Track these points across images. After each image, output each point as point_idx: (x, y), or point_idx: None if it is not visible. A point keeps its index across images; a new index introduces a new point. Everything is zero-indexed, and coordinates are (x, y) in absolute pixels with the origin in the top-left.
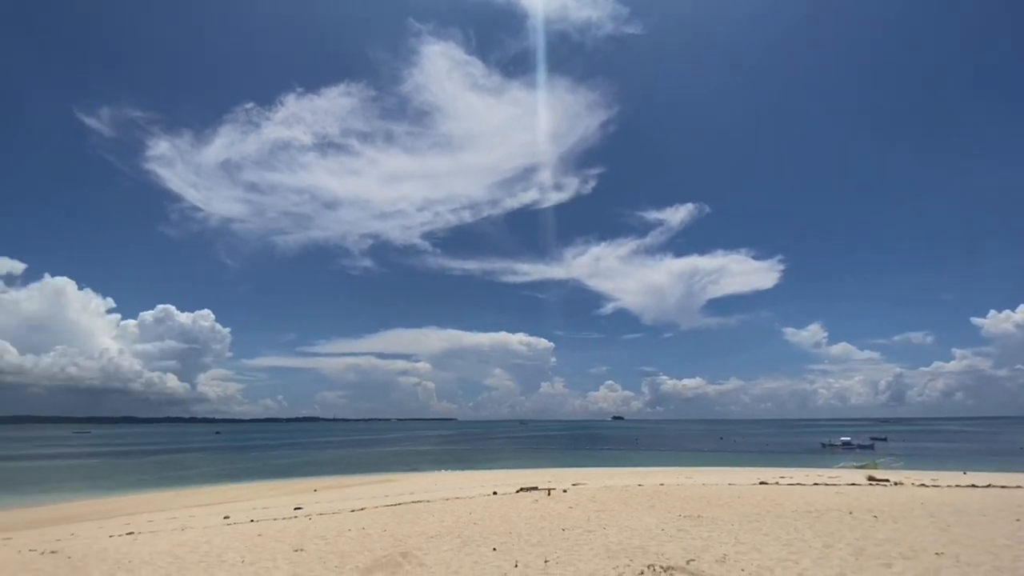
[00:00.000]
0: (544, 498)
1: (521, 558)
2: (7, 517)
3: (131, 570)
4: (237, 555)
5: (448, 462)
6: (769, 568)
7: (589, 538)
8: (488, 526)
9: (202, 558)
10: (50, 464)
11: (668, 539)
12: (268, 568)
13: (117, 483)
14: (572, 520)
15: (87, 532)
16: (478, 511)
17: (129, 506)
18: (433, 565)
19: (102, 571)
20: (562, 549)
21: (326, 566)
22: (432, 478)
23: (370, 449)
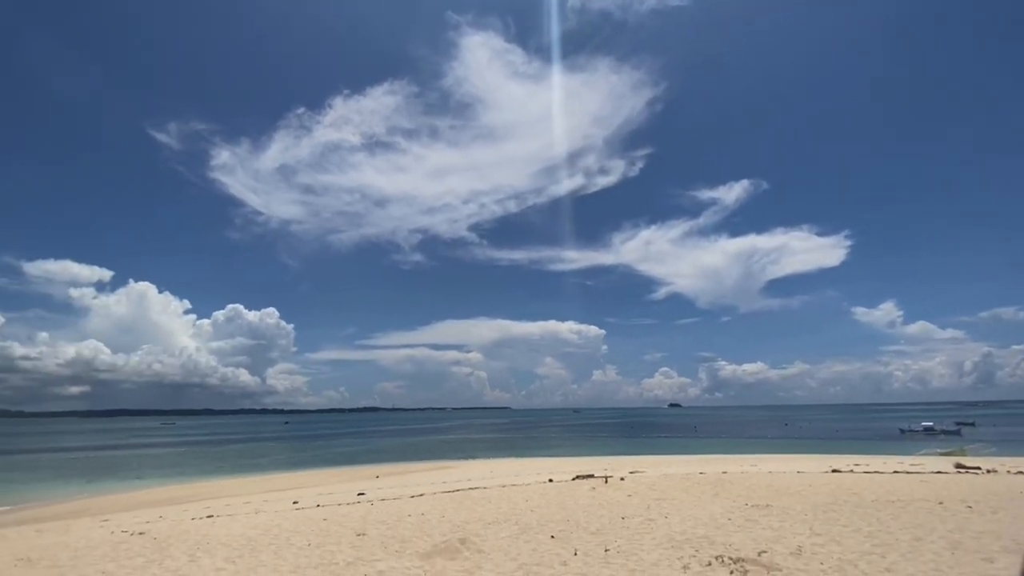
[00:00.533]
0: (601, 486)
1: (580, 546)
2: (106, 501)
3: (209, 550)
4: (304, 538)
5: (503, 450)
6: (852, 562)
7: (651, 527)
8: (545, 513)
9: (272, 540)
10: (142, 453)
11: (736, 529)
12: (332, 551)
13: (199, 470)
14: (631, 508)
15: (173, 515)
16: (534, 498)
17: (210, 491)
18: (491, 551)
19: (183, 550)
20: (623, 538)
21: (387, 550)
22: (488, 465)
23: (427, 437)
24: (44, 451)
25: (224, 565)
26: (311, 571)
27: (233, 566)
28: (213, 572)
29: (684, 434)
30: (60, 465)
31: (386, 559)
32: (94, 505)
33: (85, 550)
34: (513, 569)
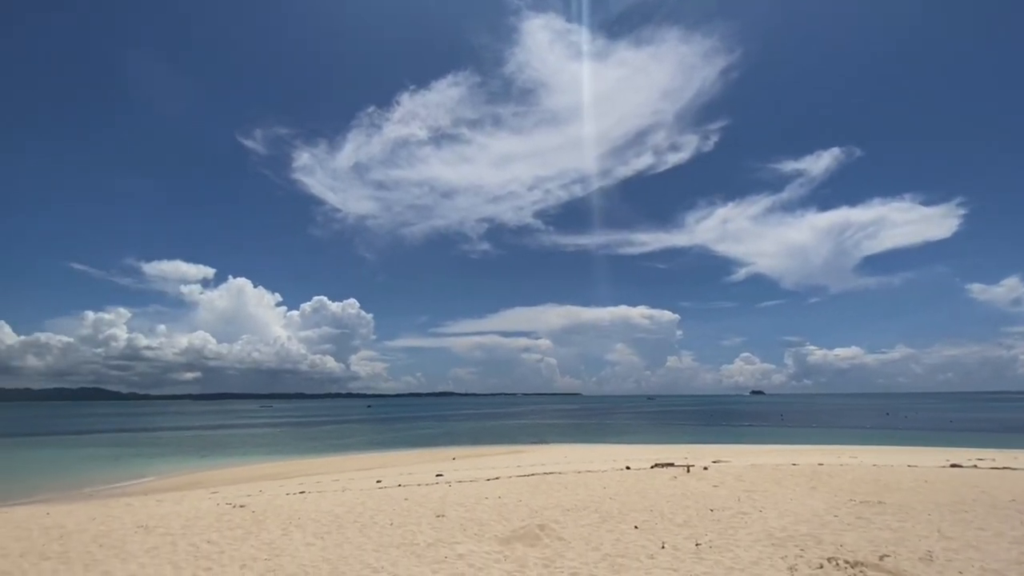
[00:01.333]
0: (683, 475)
1: (668, 539)
2: (217, 475)
3: (300, 525)
4: (386, 518)
5: (575, 435)
6: (998, 572)
7: (744, 521)
8: (626, 502)
9: (357, 518)
10: (246, 432)
11: (845, 528)
12: (413, 532)
13: (295, 449)
14: (719, 500)
15: (270, 490)
16: (612, 486)
17: (303, 468)
18: (572, 539)
19: (277, 524)
20: (714, 532)
21: (466, 533)
22: (561, 450)
23: (500, 422)
24: (166, 429)
25: (313, 540)
26: (393, 550)
27: (321, 542)
28: (303, 547)
29: (769, 423)
30: (179, 442)
31: (465, 542)
32: (206, 478)
33: (194, 519)
34: (596, 559)
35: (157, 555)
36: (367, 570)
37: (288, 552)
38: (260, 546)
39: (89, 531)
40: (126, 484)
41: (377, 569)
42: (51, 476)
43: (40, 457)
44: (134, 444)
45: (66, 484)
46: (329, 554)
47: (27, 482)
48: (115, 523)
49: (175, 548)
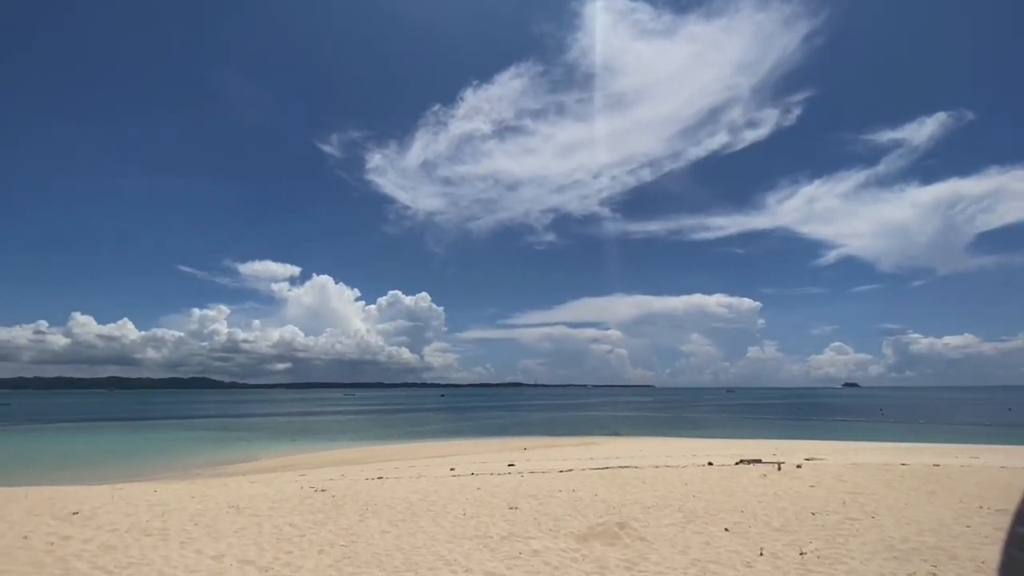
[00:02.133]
0: (773, 473)
1: (765, 545)
2: (305, 458)
3: (376, 511)
4: (459, 507)
5: (649, 428)
6: None
7: (855, 528)
8: (711, 500)
9: (431, 507)
10: (330, 419)
11: (983, 541)
12: (486, 523)
13: (374, 435)
14: (820, 503)
15: (351, 474)
16: (695, 482)
17: (381, 454)
18: (655, 540)
19: (355, 509)
20: (819, 539)
21: (540, 528)
22: (634, 443)
23: (570, 413)
24: (261, 415)
25: (388, 528)
26: (466, 542)
27: (396, 529)
28: (378, 534)
29: (867, 417)
30: (273, 427)
31: (540, 537)
32: (296, 461)
33: (279, 502)
34: (685, 564)
35: (244, 535)
36: (440, 562)
37: (364, 539)
38: (338, 531)
39: (188, 509)
40: (226, 465)
41: (450, 562)
42: (165, 456)
43: (157, 439)
44: (235, 428)
45: (176, 464)
46: (403, 543)
47: (144, 461)
48: (210, 502)
49: (260, 529)
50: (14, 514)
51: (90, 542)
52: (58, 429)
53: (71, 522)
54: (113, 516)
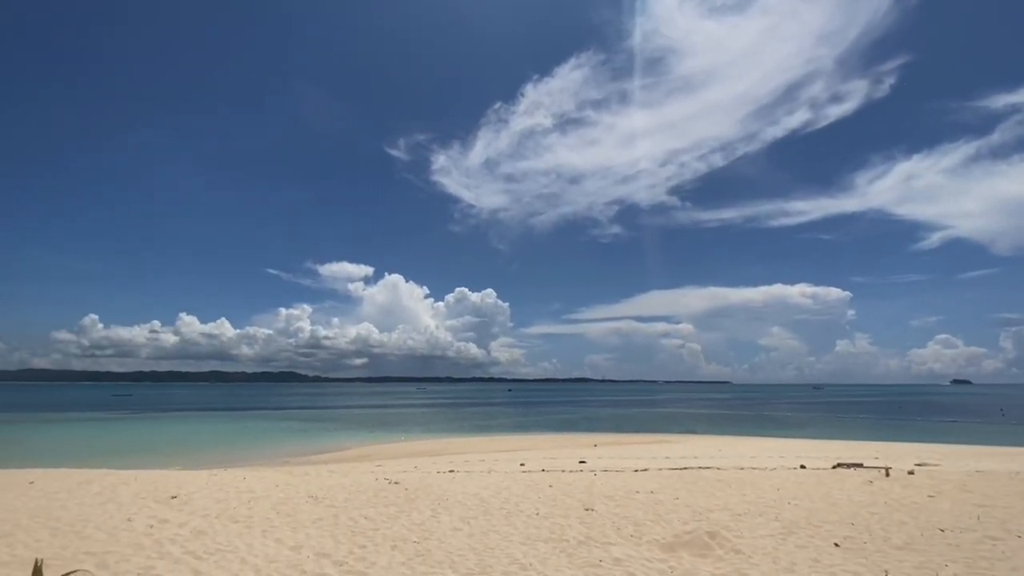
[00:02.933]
0: (881, 479)
1: (889, 566)
2: (381, 449)
3: (447, 507)
4: (532, 506)
5: (727, 426)
6: None
7: (999, 550)
8: (812, 510)
9: (503, 504)
10: (404, 412)
11: None
12: (561, 525)
13: (445, 428)
14: (946, 517)
15: (424, 467)
16: (788, 488)
17: (453, 447)
18: (752, 553)
19: (427, 503)
20: (957, 563)
21: (620, 533)
22: (712, 442)
23: (640, 409)
24: (342, 407)
25: (460, 525)
26: (541, 545)
27: (468, 527)
28: (451, 531)
29: (985, 418)
30: (352, 418)
31: (621, 544)
32: (373, 452)
33: (355, 493)
34: None
35: (321, 526)
36: (515, 566)
37: (436, 535)
38: (411, 526)
39: (271, 498)
40: (310, 455)
41: (525, 566)
42: (257, 444)
43: (252, 427)
44: (318, 419)
45: (266, 452)
46: (475, 542)
47: (239, 448)
48: (292, 491)
49: (337, 521)
50: (123, 496)
51: (184, 526)
52: (170, 417)
53: (170, 506)
54: (206, 502)
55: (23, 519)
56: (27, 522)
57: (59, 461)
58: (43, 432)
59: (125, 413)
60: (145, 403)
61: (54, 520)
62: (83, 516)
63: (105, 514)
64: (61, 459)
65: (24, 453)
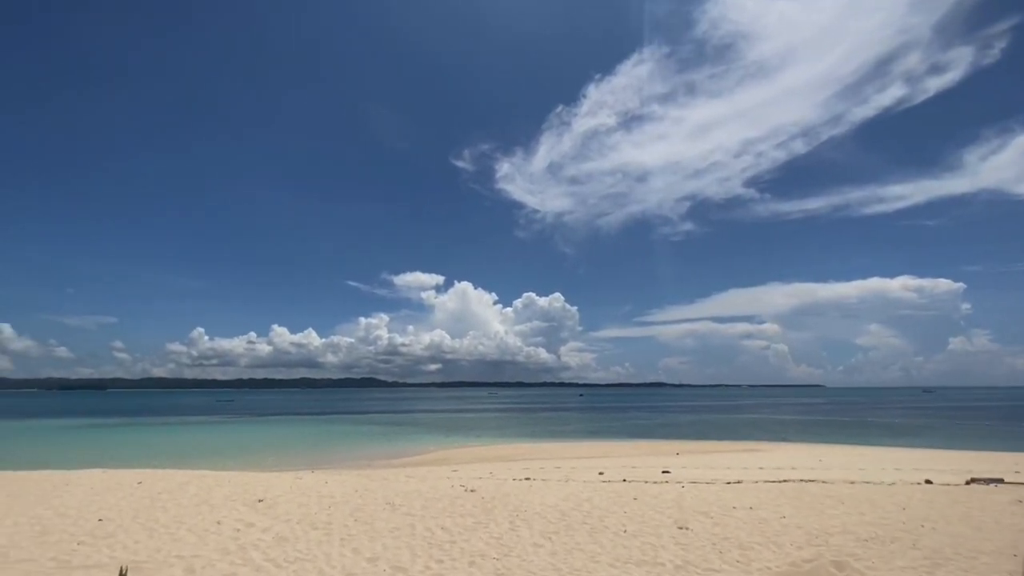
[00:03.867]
0: None
1: None
2: (457, 453)
3: (526, 519)
4: (618, 521)
5: (826, 434)
6: None
7: None
8: (954, 535)
9: (585, 518)
10: (477, 416)
11: None
12: (653, 545)
13: (518, 433)
14: None
15: (499, 472)
16: (916, 507)
17: (527, 452)
18: None
19: (505, 514)
20: None
21: (724, 558)
22: (809, 451)
23: (723, 415)
24: (419, 412)
25: (541, 541)
26: (633, 568)
27: (550, 543)
28: (531, 547)
29: None
30: (428, 423)
31: (727, 571)
32: (449, 456)
33: (432, 500)
34: None
35: (398, 536)
36: None
37: (516, 551)
38: (489, 540)
39: (350, 503)
40: (390, 459)
41: None
42: (341, 446)
43: (336, 431)
44: (397, 423)
45: (349, 454)
46: (559, 561)
47: (325, 451)
48: (370, 497)
49: (413, 531)
50: (216, 498)
51: (267, 532)
52: (266, 421)
53: (256, 509)
54: (289, 506)
55: (126, 519)
56: (129, 523)
57: (167, 462)
58: (158, 434)
59: (227, 417)
60: (245, 408)
61: (152, 521)
62: (178, 518)
63: (198, 516)
64: (169, 460)
65: (140, 454)
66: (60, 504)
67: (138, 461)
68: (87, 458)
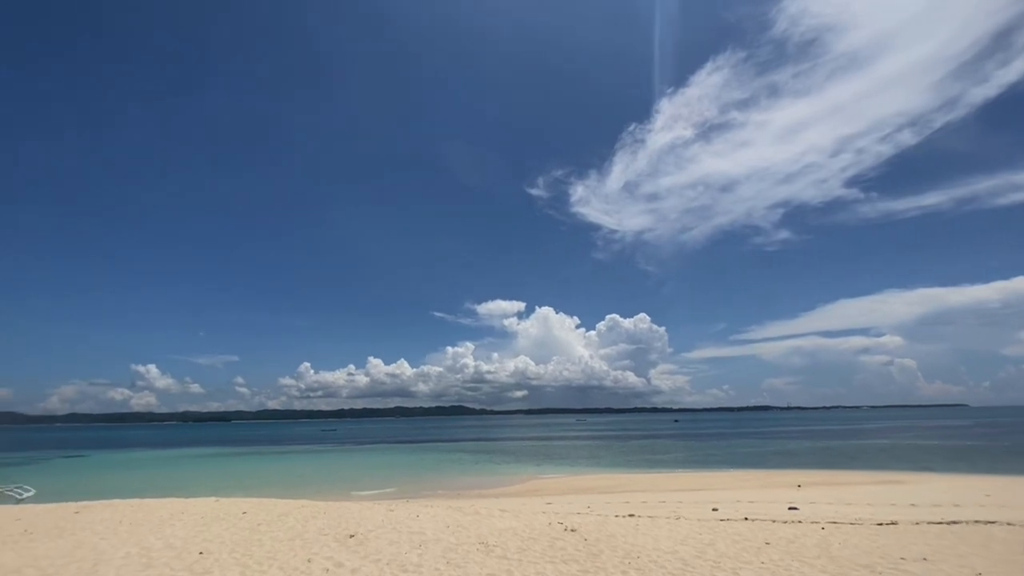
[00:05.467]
0: None
1: None
2: (549, 483)
3: (640, 568)
4: (754, 574)
5: (980, 461)
6: None
7: None
8: None
9: (712, 570)
10: (567, 444)
11: None
12: None
13: (612, 462)
14: None
15: (597, 506)
16: None
17: (624, 483)
18: None
19: (614, 561)
20: None
21: None
22: (967, 483)
23: (846, 441)
24: (507, 439)
25: None
26: None
27: None
28: None
29: None
30: (517, 451)
31: None
32: (541, 486)
33: (528, 541)
34: None
35: None
36: None
37: None
38: None
39: (442, 542)
40: (481, 489)
41: None
42: (433, 474)
43: (429, 458)
44: (486, 451)
45: (442, 482)
46: None
47: (418, 478)
48: (463, 535)
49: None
50: (311, 531)
51: (356, 573)
52: (365, 449)
53: (346, 546)
54: (379, 543)
55: (224, 553)
56: (226, 557)
57: (276, 489)
58: (272, 462)
59: (331, 445)
60: (346, 436)
61: (247, 556)
62: (272, 553)
63: (291, 552)
64: (278, 487)
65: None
66: (171, 534)
67: (252, 488)
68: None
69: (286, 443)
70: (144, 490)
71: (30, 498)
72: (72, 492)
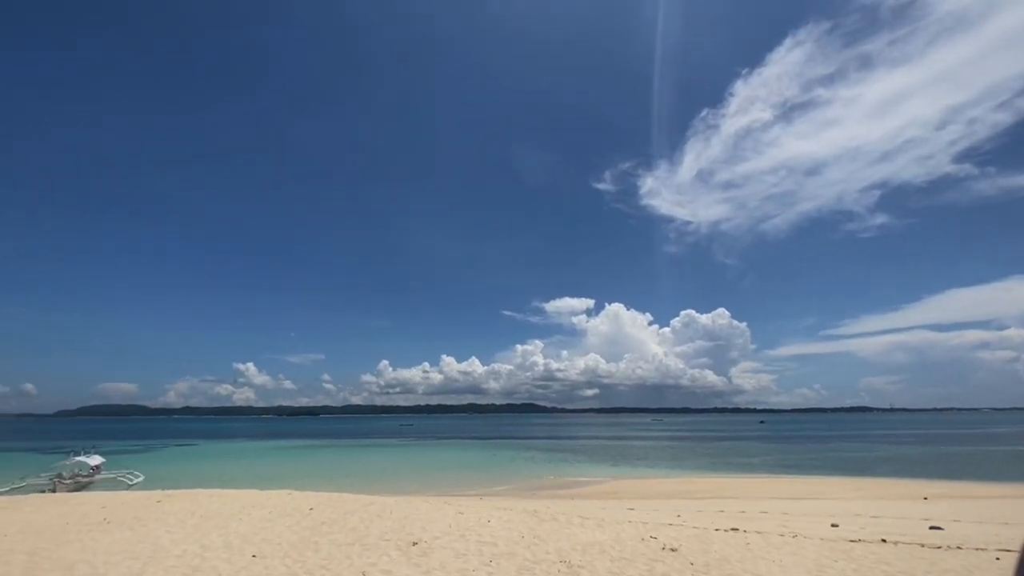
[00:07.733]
0: None
1: None
2: (628, 485)
3: None
4: None
5: None
6: None
7: None
8: None
9: None
10: (644, 444)
11: None
12: None
13: (695, 464)
14: None
15: (688, 515)
16: None
17: (712, 488)
18: None
19: None
20: None
21: None
22: None
23: (969, 447)
24: (579, 438)
25: None
26: None
27: None
28: None
29: None
30: (591, 450)
31: None
32: (619, 488)
33: (620, 561)
34: None
35: None
36: None
37: None
38: None
39: (516, 557)
40: (556, 489)
41: None
42: (507, 471)
43: (502, 455)
44: (559, 450)
45: (515, 479)
46: None
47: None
48: (540, 550)
49: None
50: (372, 535)
51: None
52: (439, 445)
53: (407, 556)
54: (444, 554)
55: (277, 558)
56: (277, 564)
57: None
58: (353, 454)
59: (408, 440)
60: (422, 431)
61: (301, 563)
62: (326, 561)
63: (346, 560)
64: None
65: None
66: (235, 530)
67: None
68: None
69: (368, 437)
70: (238, 479)
71: (138, 484)
72: (176, 479)
